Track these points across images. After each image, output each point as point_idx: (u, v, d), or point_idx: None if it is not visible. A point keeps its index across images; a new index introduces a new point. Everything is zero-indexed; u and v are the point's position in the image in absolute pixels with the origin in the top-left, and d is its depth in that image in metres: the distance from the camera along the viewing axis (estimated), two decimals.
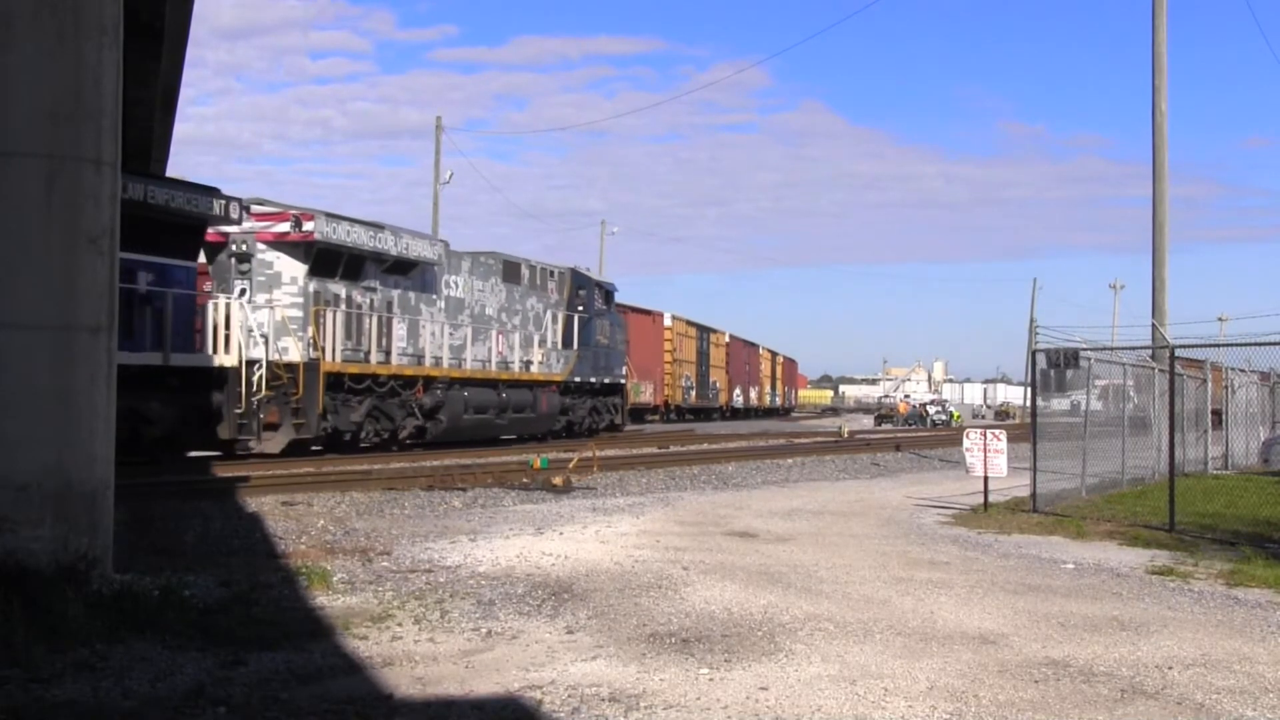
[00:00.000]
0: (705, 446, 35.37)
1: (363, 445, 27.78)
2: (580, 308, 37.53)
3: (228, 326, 23.12)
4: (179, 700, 6.48)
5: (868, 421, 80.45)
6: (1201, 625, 9.19)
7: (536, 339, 34.74)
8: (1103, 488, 20.03)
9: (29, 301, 8.89)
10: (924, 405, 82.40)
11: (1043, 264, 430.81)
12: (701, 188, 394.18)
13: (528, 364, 34.18)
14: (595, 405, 39.83)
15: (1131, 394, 23.44)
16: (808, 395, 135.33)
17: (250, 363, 23.58)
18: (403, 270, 28.76)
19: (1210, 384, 28.96)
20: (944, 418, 76.90)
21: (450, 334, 30.43)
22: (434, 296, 30.09)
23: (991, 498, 17.36)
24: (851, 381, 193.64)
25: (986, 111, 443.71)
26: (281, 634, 8.02)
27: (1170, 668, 7.75)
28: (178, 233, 21.71)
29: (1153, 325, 25.73)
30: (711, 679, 7.20)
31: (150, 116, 25.48)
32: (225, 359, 22.95)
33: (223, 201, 22.48)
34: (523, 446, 31.72)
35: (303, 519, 14.55)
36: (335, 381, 25.98)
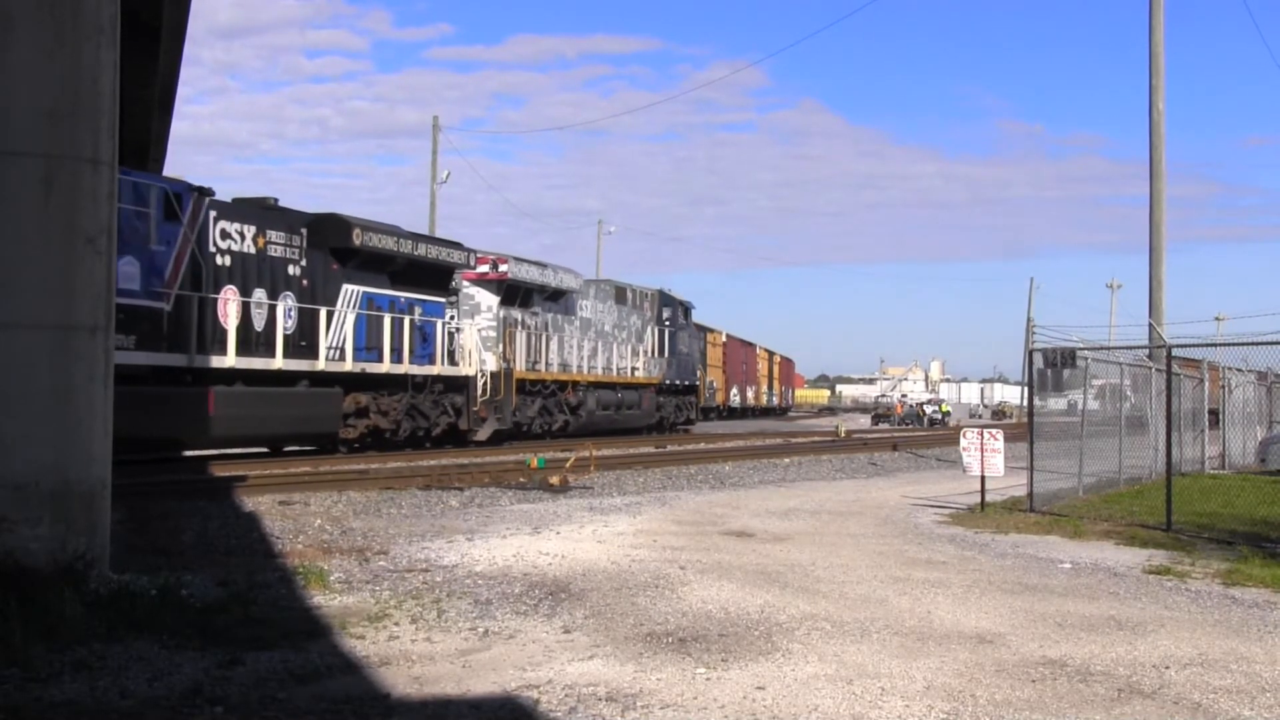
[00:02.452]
0: (702, 446, 35.39)
1: (534, 433, 34.77)
2: (667, 322, 45.72)
3: (451, 343, 30.21)
4: (176, 700, 6.48)
5: (865, 421, 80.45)
6: (1199, 625, 9.20)
7: (640, 350, 42.48)
8: (1100, 487, 20.05)
9: (27, 301, 8.89)
10: (921, 405, 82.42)
11: (1040, 263, 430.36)
12: (699, 187, 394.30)
13: (634, 370, 41.82)
14: (678, 403, 47.55)
15: (1128, 393, 23.47)
16: (805, 395, 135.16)
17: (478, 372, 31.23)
18: (555, 298, 36.42)
19: (1207, 383, 28.99)
20: (939, 417, 76.94)
21: (584, 347, 37.91)
22: (573, 318, 37.73)
23: (989, 497, 17.37)
24: (849, 381, 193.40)
25: (985, 111, 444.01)
26: (279, 634, 8.02)
27: (1167, 667, 7.76)
28: (438, 277, 29.54)
29: (1150, 325, 25.72)
30: (708, 678, 7.21)
31: (148, 116, 25.49)
32: (468, 370, 30.45)
33: (465, 253, 30.55)
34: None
35: (300, 518, 14.55)
36: (519, 386, 33.24)
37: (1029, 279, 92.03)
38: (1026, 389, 25.23)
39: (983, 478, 17.18)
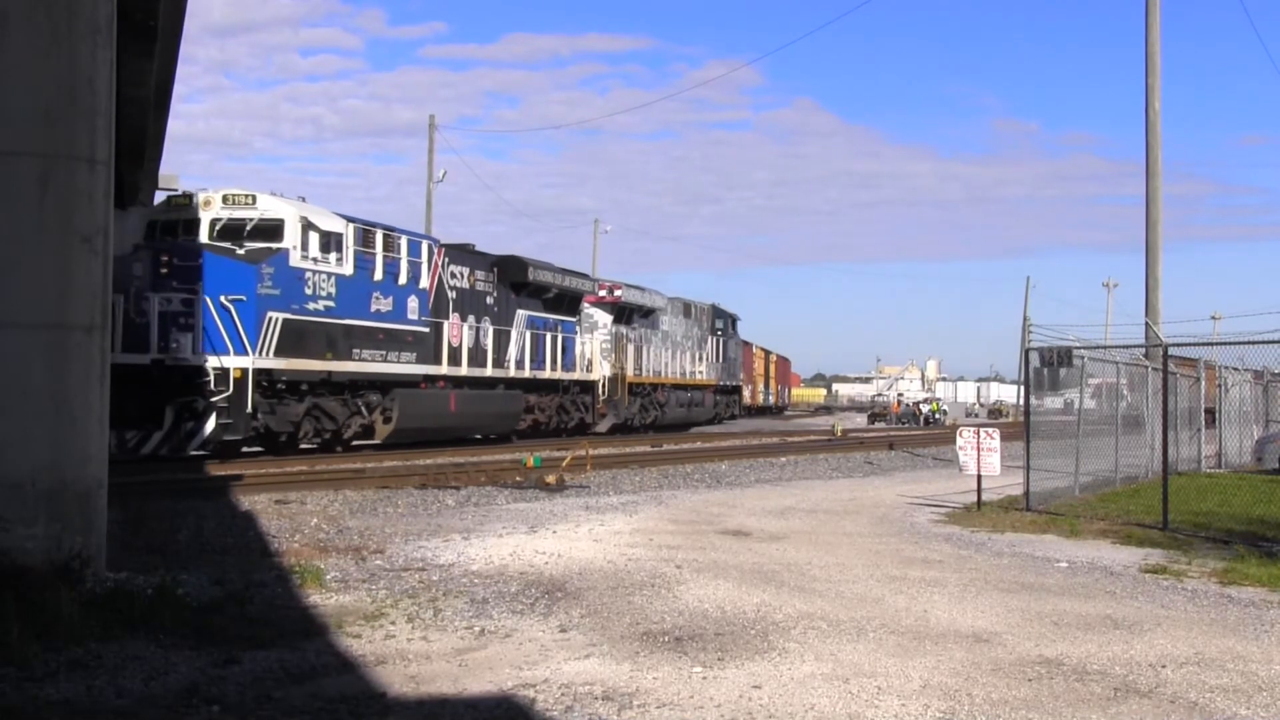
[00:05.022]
0: (698, 445, 35.40)
1: (635, 426, 42.16)
2: (720, 332, 53.59)
3: (573, 352, 36.94)
4: (172, 699, 6.48)
5: (861, 420, 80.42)
6: (1195, 624, 9.21)
7: (702, 356, 50.34)
8: (1096, 486, 20.06)
9: (23, 300, 8.88)
10: (917, 404, 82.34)
11: (1036, 262, 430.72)
12: (695, 185, 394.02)
13: (698, 374, 49.90)
14: (727, 401, 56.49)
15: (1125, 392, 23.47)
16: (801, 394, 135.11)
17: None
18: (646, 315, 44.29)
19: (1204, 382, 28.99)
20: (937, 416, 76.81)
21: (665, 355, 45.59)
22: (657, 331, 45.22)
23: (985, 496, 17.38)
24: (845, 380, 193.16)
25: (980, 110, 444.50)
26: (275, 633, 8.02)
27: (1164, 666, 7.76)
28: (573, 302, 36.82)
29: (1146, 324, 25.72)
30: (705, 677, 7.21)
31: (143, 115, 25.44)
32: (594, 375, 38.32)
33: (592, 282, 39.42)
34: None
35: (296, 517, 14.54)
36: (628, 387, 41.27)
37: (1025, 278, 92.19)
38: (1023, 388, 25.24)
39: (979, 477, 17.19)
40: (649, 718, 6.41)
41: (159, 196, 37.07)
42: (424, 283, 27.91)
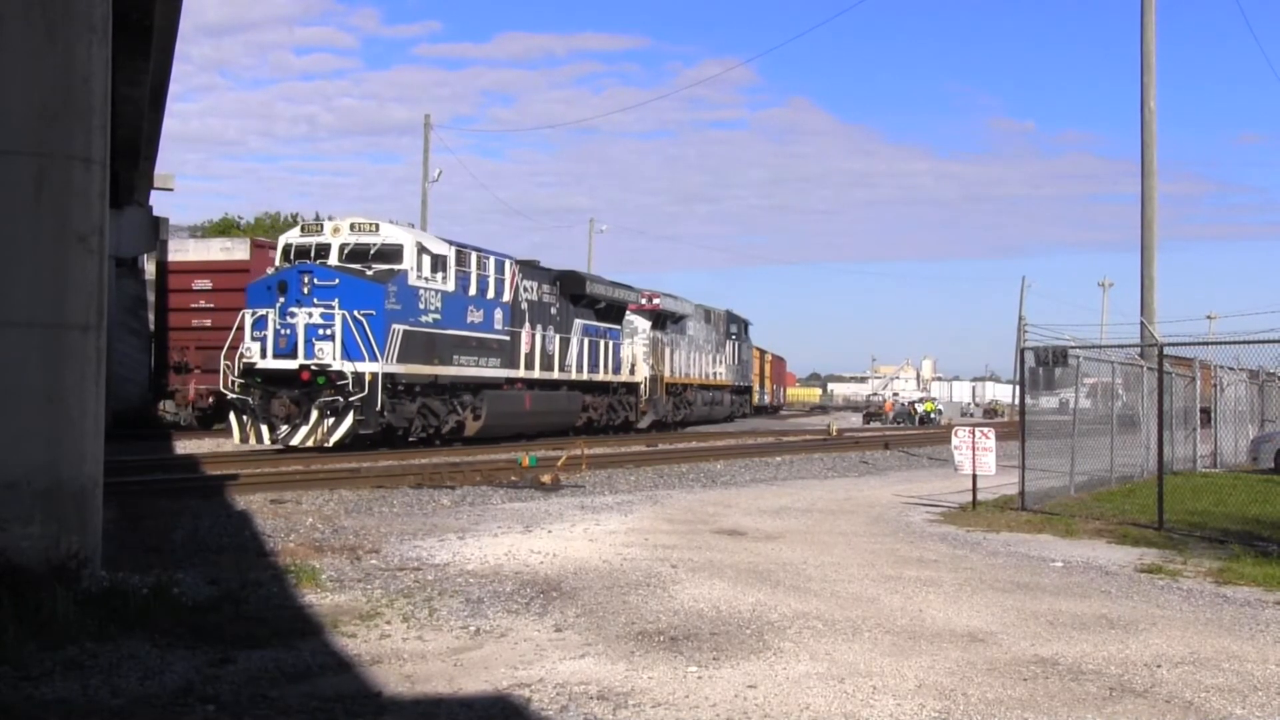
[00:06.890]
0: (694, 444, 35.39)
1: (668, 423, 45.77)
2: (733, 336, 57.74)
3: (619, 357, 40.36)
4: (168, 698, 6.48)
5: (856, 419, 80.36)
6: (1190, 623, 9.22)
7: (720, 359, 54.53)
8: (1091, 486, 20.08)
9: (18, 300, 8.86)
10: (912, 403, 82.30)
11: (1032, 262, 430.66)
12: (691, 185, 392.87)
13: (717, 375, 54.22)
14: (740, 400, 61.86)
15: (1120, 392, 23.49)
16: (796, 393, 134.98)
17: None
18: (677, 321, 47.92)
19: (1199, 382, 29.02)
20: (933, 415, 76.75)
21: (692, 358, 49.46)
22: (684, 336, 48.82)
23: (980, 496, 17.40)
24: (840, 379, 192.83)
25: (976, 109, 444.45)
26: (270, 632, 8.01)
27: (1159, 666, 7.77)
28: (619, 311, 40.37)
29: (1141, 323, 25.77)
30: (700, 677, 7.21)
31: (139, 114, 25.48)
32: (637, 377, 41.99)
33: (635, 292, 42.41)
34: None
35: (291, 517, 14.53)
36: (665, 387, 45.28)
37: (1021, 277, 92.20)
38: (1018, 388, 25.27)
39: (974, 476, 17.20)
40: (644, 717, 6.41)
41: (154, 196, 37.05)
42: (505, 297, 31.55)
